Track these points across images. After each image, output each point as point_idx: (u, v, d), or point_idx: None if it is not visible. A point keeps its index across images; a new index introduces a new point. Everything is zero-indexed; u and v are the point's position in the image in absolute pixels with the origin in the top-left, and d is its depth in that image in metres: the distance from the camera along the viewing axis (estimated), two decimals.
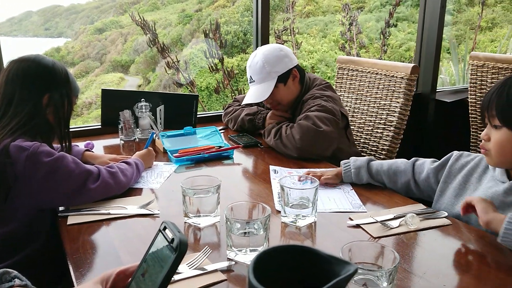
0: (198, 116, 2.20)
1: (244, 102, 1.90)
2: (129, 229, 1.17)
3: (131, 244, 1.09)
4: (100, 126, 2.06)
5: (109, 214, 1.22)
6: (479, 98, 2.29)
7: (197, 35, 11.51)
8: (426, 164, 1.37)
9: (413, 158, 1.43)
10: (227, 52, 10.14)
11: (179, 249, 0.63)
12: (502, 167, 1.19)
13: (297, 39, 6.07)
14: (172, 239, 0.65)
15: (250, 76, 1.85)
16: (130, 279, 0.72)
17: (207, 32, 3.85)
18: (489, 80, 2.12)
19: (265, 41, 2.37)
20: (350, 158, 1.47)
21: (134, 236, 1.13)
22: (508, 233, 0.98)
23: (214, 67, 3.82)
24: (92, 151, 1.67)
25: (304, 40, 10.14)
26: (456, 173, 1.30)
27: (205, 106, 8.33)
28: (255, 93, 1.84)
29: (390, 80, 2.05)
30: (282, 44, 5.00)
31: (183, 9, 13.63)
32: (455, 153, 1.34)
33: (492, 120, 1.13)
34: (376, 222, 1.17)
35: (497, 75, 2.10)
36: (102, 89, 2.04)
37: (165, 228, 0.69)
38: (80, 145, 1.71)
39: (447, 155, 1.35)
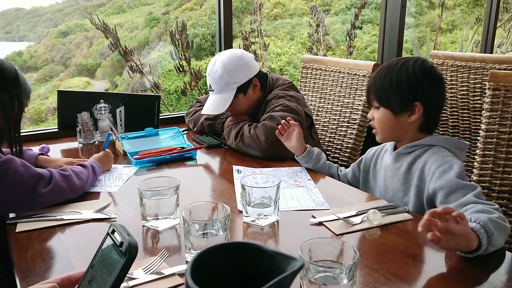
0: (161, 117, 2.15)
1: (202, 112, 1.86)
2: (84, 234, 1.11)
3: (85, 250, 1.04)
4: (57, 129, 1.98)
5: (62, 219, 1.15)
6: None
7: (165, 38, 11.36)
8: (351, 165, 1.56)
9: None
10: (196, 54, 10.05)
11: (129, 253, 0.60)
12: (387, 141, 1.39)
13: (265, 41, 6.08)
14: (121, 243, 0.62)
15: (210, 85, 1.80)
16: (76, 286, 0.68)
17: (174, 32, 3.80)
18: (448, 78, 2.16)
19: (229, 43, 2.33)
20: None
21: (89, 241, 1.07)
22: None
23: (181, 68, 3.77)
24: (48, 155, 1.59)
25: (272, 43, 10.18)
26: (369, 161, 1.48)
27: (173, 110, 8.21)
28: (214, 104, 1.78)
29: (352, 78, 2.07)
30: (250, 45, 5.00)
31: (150, 12, 13.43)
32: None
33: (373, 102, 1.30)
34: (339, 219, 1.16)
35: (456, 73, 2.14)
36: (57, 91, 1.96)
37: (113, 231, 0.65)
38: (35, 149, 1.63)
39: None
